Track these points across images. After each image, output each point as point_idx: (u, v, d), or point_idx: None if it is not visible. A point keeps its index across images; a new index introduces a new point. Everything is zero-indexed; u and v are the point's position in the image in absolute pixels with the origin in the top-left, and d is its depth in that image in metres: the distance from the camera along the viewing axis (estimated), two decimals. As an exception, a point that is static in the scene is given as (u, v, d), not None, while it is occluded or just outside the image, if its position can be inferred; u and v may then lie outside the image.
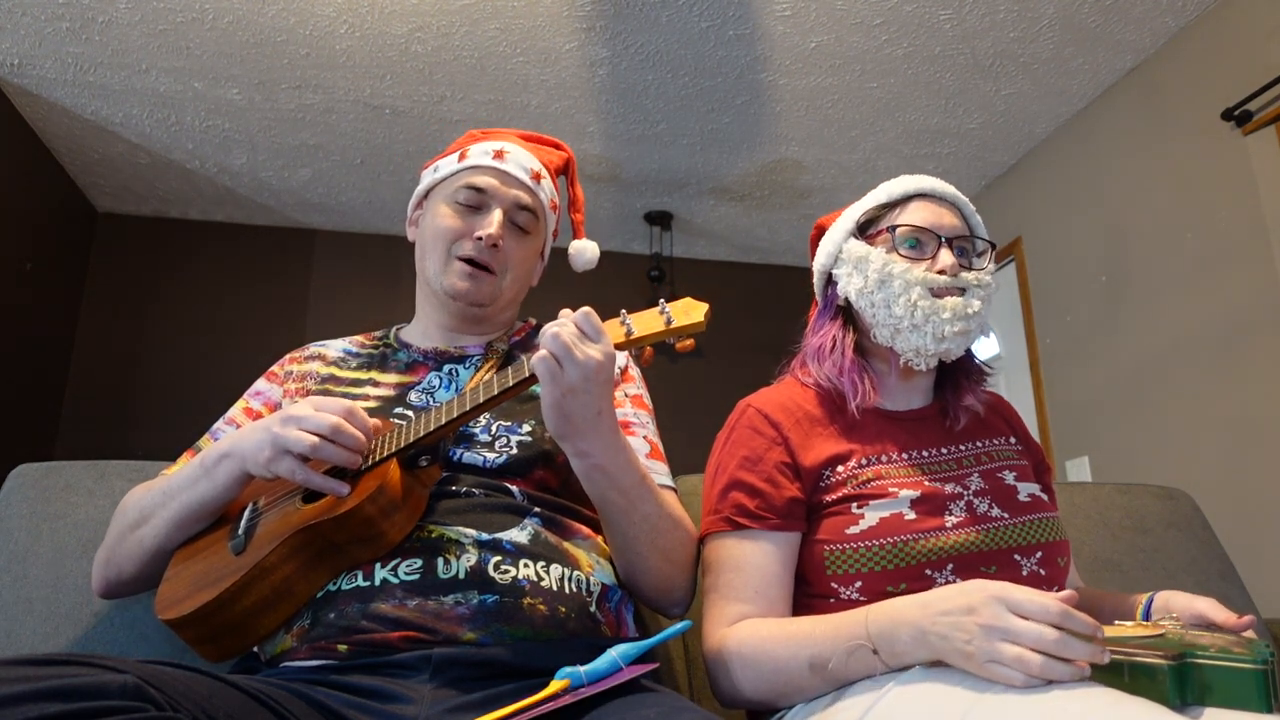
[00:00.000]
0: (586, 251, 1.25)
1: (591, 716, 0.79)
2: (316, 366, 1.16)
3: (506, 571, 0.92)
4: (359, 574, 0.91)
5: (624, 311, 0.93)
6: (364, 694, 0.83)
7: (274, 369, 1.20)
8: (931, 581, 0.93)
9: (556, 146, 1.26)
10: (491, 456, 1.01)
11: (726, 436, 1.09)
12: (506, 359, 1.14)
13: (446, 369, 1.13)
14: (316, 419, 0.90)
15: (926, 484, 0.99)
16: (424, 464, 0.99)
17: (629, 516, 0.96)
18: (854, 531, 0.96)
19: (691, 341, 0.93)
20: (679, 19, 2.76)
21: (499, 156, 1.15)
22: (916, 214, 1.08)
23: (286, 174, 3.70)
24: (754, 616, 0.96)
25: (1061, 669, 0.71)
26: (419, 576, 0.90)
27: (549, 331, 0.87)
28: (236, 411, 1.14)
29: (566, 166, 1.27)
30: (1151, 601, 0.98)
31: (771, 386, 1.15)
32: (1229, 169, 2.63)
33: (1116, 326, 3.07)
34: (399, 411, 1.06)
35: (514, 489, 1.00)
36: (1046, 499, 1.06)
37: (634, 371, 1.22)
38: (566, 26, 2.80)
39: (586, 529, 1.04)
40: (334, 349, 1.20)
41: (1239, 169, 2.59)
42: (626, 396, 1.16)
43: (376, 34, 2.82)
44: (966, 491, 1.00)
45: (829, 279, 1.14)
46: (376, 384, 1.12)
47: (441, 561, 0.91)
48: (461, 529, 0.94)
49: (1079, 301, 3.27)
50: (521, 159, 1.16)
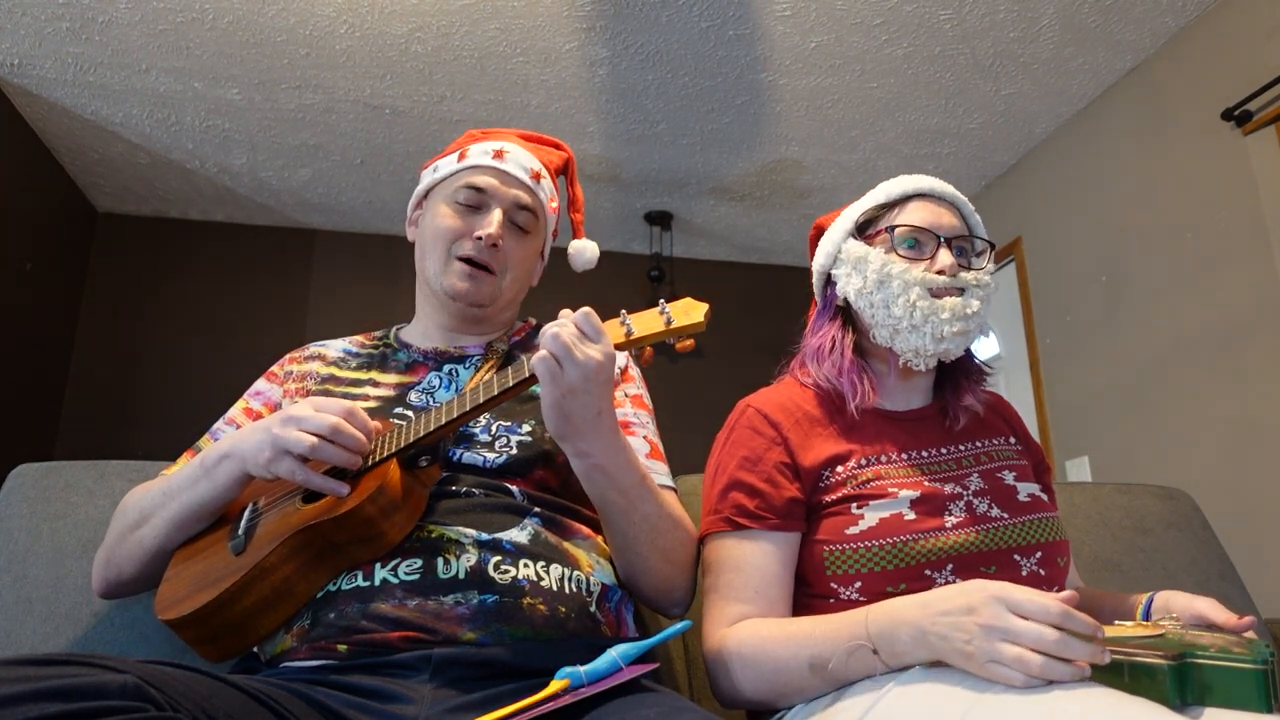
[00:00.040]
0: (586, 251, 1.25)
1: (591, 716, 0.79)
2: (316, 366, 1.16)
3: (506, 571, 0.92)
4: (359, 574, 0.91)
5: (624, 311, 0.93)
6: (364, 694, 0.83)
7: (274, 369, 1.20)
8: (931, 582, 0.93)
9: (556, 146, 1.26)
10: (491, 456, 1.01)
11: (726, 437, 1.09)
12: (506, 359, 1.14)
13: (446, 369, 1.13)
14: (316, 419, 0.90)
15: (926, 484, 0.99)
16: (424, 464, 0.99)
17: (629, 516, 0.96)
18: (854, 532, 0.96)
19: (691, 342, 0.93)
20: (679, 19, 2.76)
21: (499, 156, 1.15)
22: (915, 214, 1.08)
23: (286, 174, 3.70)
24: (754, 617, 0.96)
25: (1062, 669, 0.71)
26: (419, 576, 0.90)
27: (549, 332, 0.87)
28: (236, 412, 1.14)
29: (566, 166, 1.27)
30: (1151, 601, 0.98)
31: (771, 387, 1.15)
32: (1229, 169, 2.63)
33: (1116, 326, 3.07)
34: (399, 412, 1.06)
35: (514, 489, 1.00)
36: (1046, 499, 1.06)
37: (634, 371, 1.22)
38: (566, 26, 2.80)
39: (586, 529, 1.04)
40: (334, 349, 1.20)
41: (1239, 169, 2.59)
42: (626, 396, 1.16)
43: (376, 34, 2.82)
44: (966, 492, 1.00)
45: (828, 279, 1.14)
46: (376, 384, 1.12)
47: (441, 561, 0.91)
48: (461, 529, 0.94)
49: (1079, 301, 3.27)
50: (521, 159, 1.16)
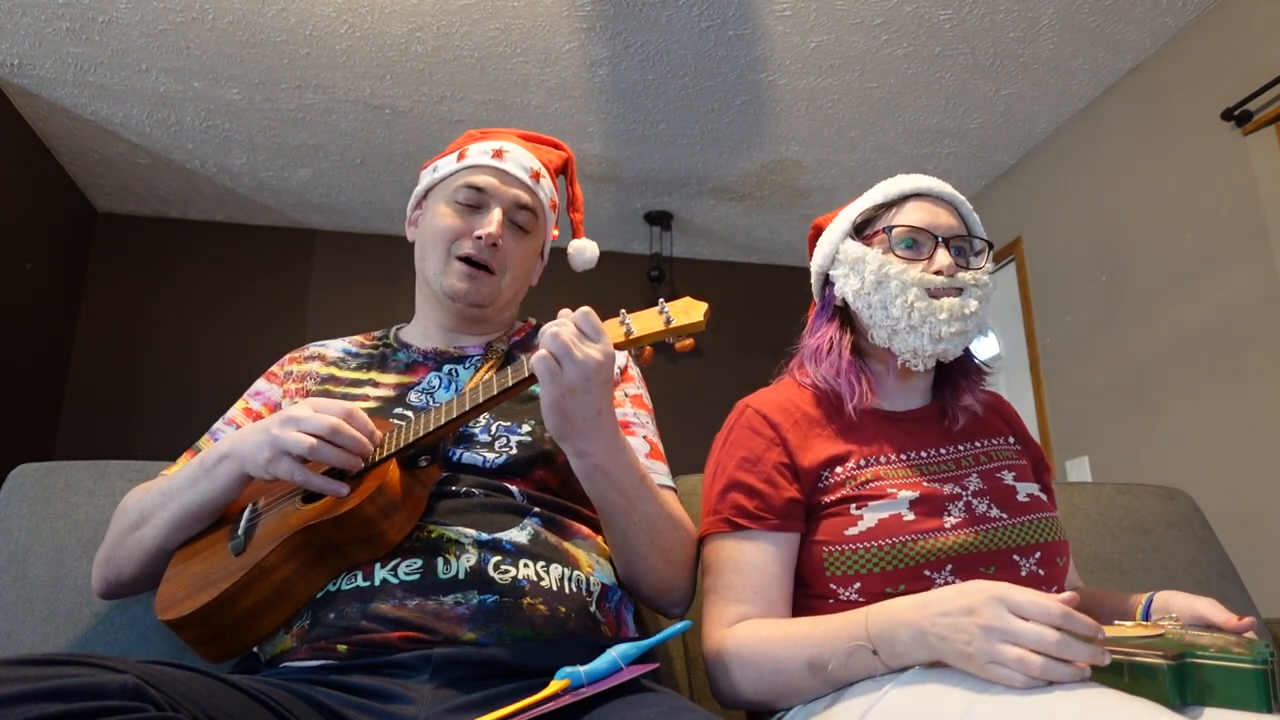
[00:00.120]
0: (586, 251, 1.25)
1: (591, 716, 0.79)
2: (316, 367, 1.16)
3: (506, 571, 0.92)
4: (359, 574, 0.91)
5: (623, 311, 0.93)
6: (364, 694, 0.83)
7: (274, 369, 1.20)
8: (930, 582, 0.92)
9: (556, 146, 1.26)
10: (491, 456, 1.01)
11: (725, 437, 1.09)
12: (506, 359, 1.14)
13: (446, 369, 1.13)
14: (315, 420, 0.90)
15: (925, 485, 0.99)
16: (423, 464, 0.99)
17: (629, 516, 0.96)
18: (853, 533, 0.96)
19: (691, 341, 0.93)
20: (679, 19, 2.76)
21: (498, 156, 1.15)
22: (913, 214, 1.07)
23: (286, 174, 3.70)
24: (754, 617, 0.96)
25: (1062, 670, 0.70)
26: (419, 576, 0.90)
27: (548, 331, 0.87)
28: (236, 412, 1.14)
29: (565, 166, 1.26)
30: (1151, 602, 0.98)
31: (770, 387, 1.15)
32: (1229, 169, 2.63)
33: (1116, 326, 3.07)
34: (398, 412, 1.06)
35: (514, 489, 1.00)
36: (1045, 499, 1.06)
37: (634, 371, 1.22)
38: (566, 26, 2.80)
39: (586, 529, 1.04)
40: (333, 349, 1.20)
41: (1239, 169, 2.59)
42: (626, 396, 1.16)
43: (376, 34, 2.82)
44: (965, 492, 1.00)
45: (826, 280, 1.14)
46: (376, 384, 1.12)
47: (441, 561, 0.91)
48: (461, 529, 0.94)
49: (1079, 301, 3.27)
50: (521, 158, 1.16)
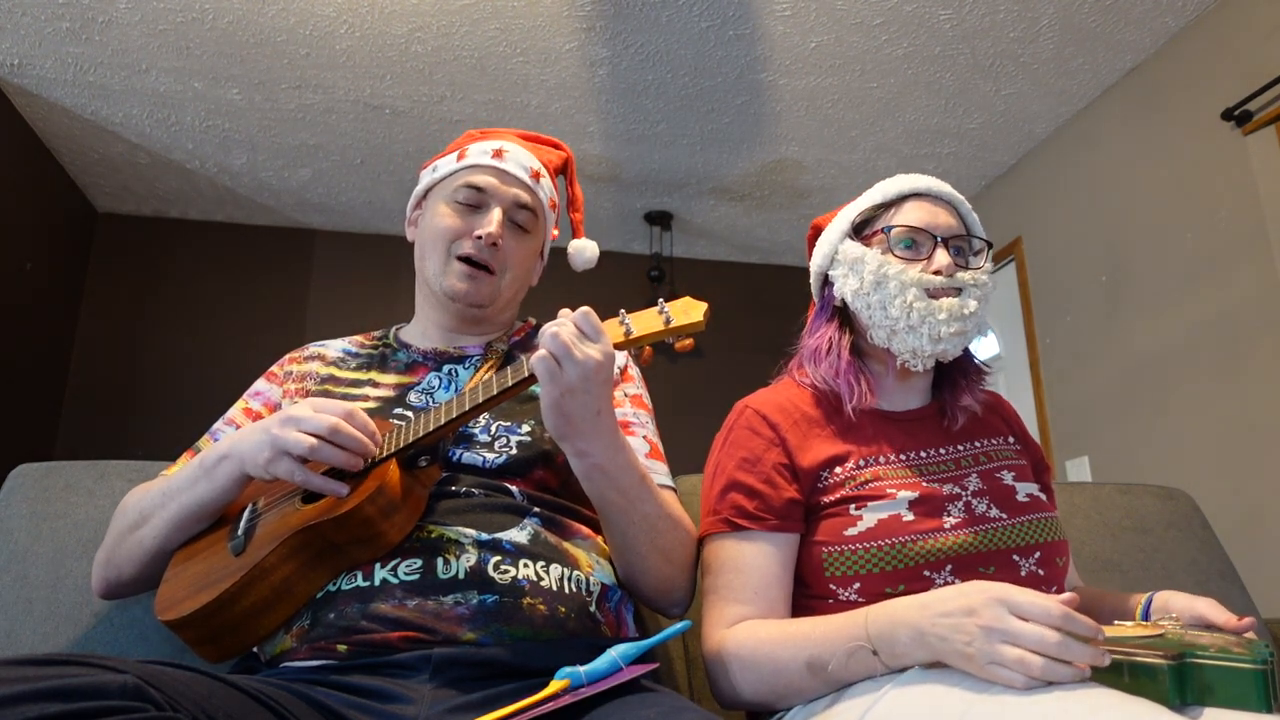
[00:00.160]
0: (586, 251, 1.25)
1: (591, 716, 0.79)
2: (316, 367, 1.16)
3: (506, 571, 0.92)
4: (359, 574, 0.91)
5: (623, 311, 0.93)
6: (364, 694, 0.83)
7: (273, 369, 1.20)
8: (930, 582, 0.92)
9: (555, 146, 1.26)
10: (491, 457, 1.01)
11: (724, 437, 1.09)
12: (506, 359, 1.14)
13: (446, 369, 1.13)
14: (315, 420, 0.90)
15: (924, 485, 0.99)
16: (423, 464, 0.99)
17: (628, 516, 0.96)
18: (852, 533, 0.96)
19: (691, 341, 0.93)
20: (679, 19, 2.76)
21: (498, 155, 1.15)
22: (912, 214, 1.07)
23: (286, 174, 3.70)
24: (753, 618, 0.96)
25: (1062, 671, 0.70)
26: (419, 576, 0.90)
27: (548, 331, 0.87)
28: (236, 412, 1.14)
29: (565, 166, 1.26)
30: (1151, 602, 0.98)
31: (769, 387, 1.14)
32: (1229, 169, 2.63)
33: (1116, 326, 3.07)
34: (398, 412, 1.06)
35: (513, 489, 1.00)
36: (1045, 499, 1.06)
37: (634, 371, 1.21)
38: (566, 26, 2.80)
39: (586, 529, 1.04)
40: (333, 349, 1.20)
41: (1239, 169, 2.59)
42: (626, 396, 1.16)
43: (376, 34, 2.82)
44: (965, 492, 1.00)
45: (825, 280, 1.14)
46: (376, 384, 1.12)
47: (441, 561, 0.91)
48: (461, 529, 0.94)
49: (1079, 301, 3.27)
50: (520, 158, 1.16)
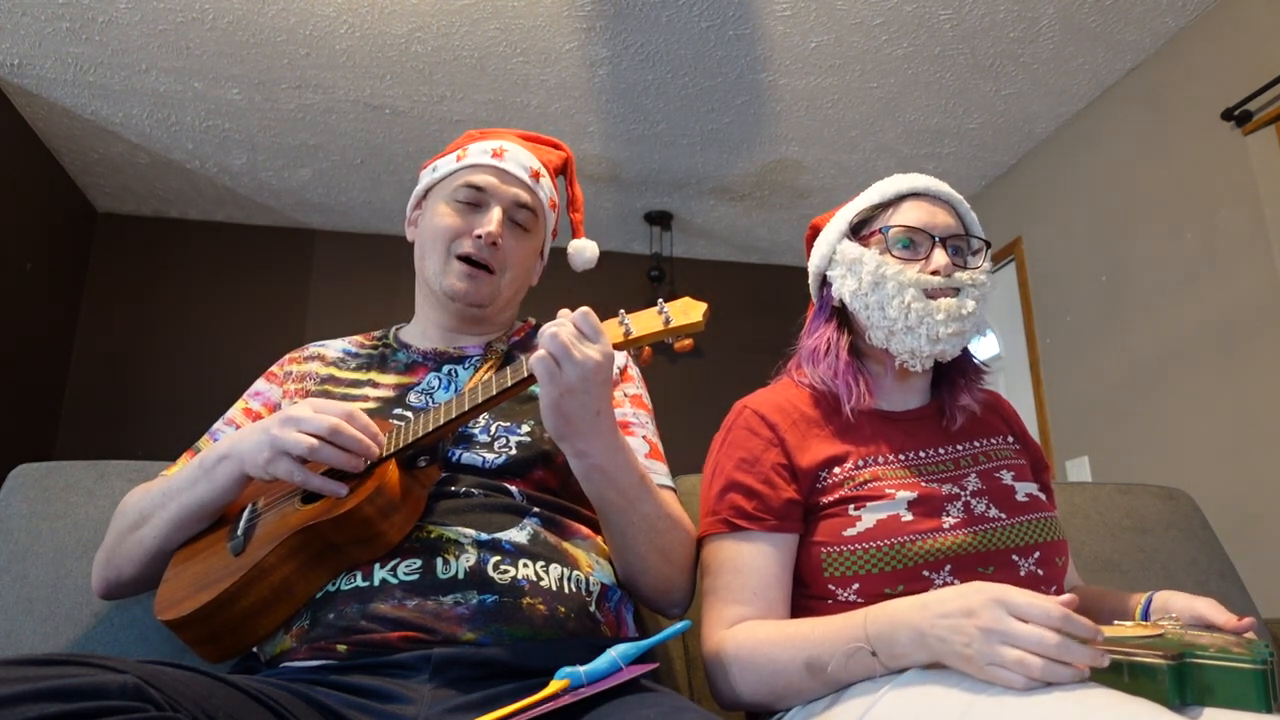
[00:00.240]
0: (586, 250, 1.25)
1: (591, 716, 0.79)
2: (316, 367, 1.16)
3: (506, 571, 0.92)
4: (358, 574, 0.91)
5: (622, 311, 0.93)
6: (364, 694, 0.83)
7: (273, 369, 1.20)
8: (929, 583, 0.92)
9: (555, 146, 1.26)
10: (490, 457, 1.01)
11: (723, 438, 1.09)
12: (506, 359, 1.14)
13: (446, 369, 1.13)
14: (315, 421, 0.90)
15: (923, 485, 0.99)
16: (423, 464, 0.99)
17: (628, 516, 0.96)
18: (851, 533, 0.96)
19: (690, 341, 0.94)
20: (679, 19, 2.76)
21: (498, 155, 1.15)
22: (910, 214, 1.07)
23: (286, 174, 3.70)
24: (753, 618, 0.96)
25: (1062, 672, 0.70)
26: (418, 577, 0.90)
27: (547, 332, 0.87)
28: (236, 412, 1.14)
29: (565, 166, 1.26)
30: (1150, 602, 0.98)
31: (768, 388, 1.14)
32: (1229, 169, 2.63)
33: (1116, 326, 3.07)
34: (398, 412, 1.06)
35: (513, 489, 1.00)
36: (1044, 498, 1.06)
37: (633, 371, 1.21)
38: (566, 26, 2.80)
39: (586, 529, 1.04)
40: (333, 349, 1.20)
41: (1239, 169, 2.59)
42: (626, 396, 1.16)
43: (376, 34, 2.82)
44: (964, 492, 0.99)
45: (824, 280, 1.14)
46: (376, 385, 1.12)
47: (441, 562, 0.91)
48: (460, 529, 0.94)
49: (1079, 301, 3.27)
50: (520, 157, 1.16)
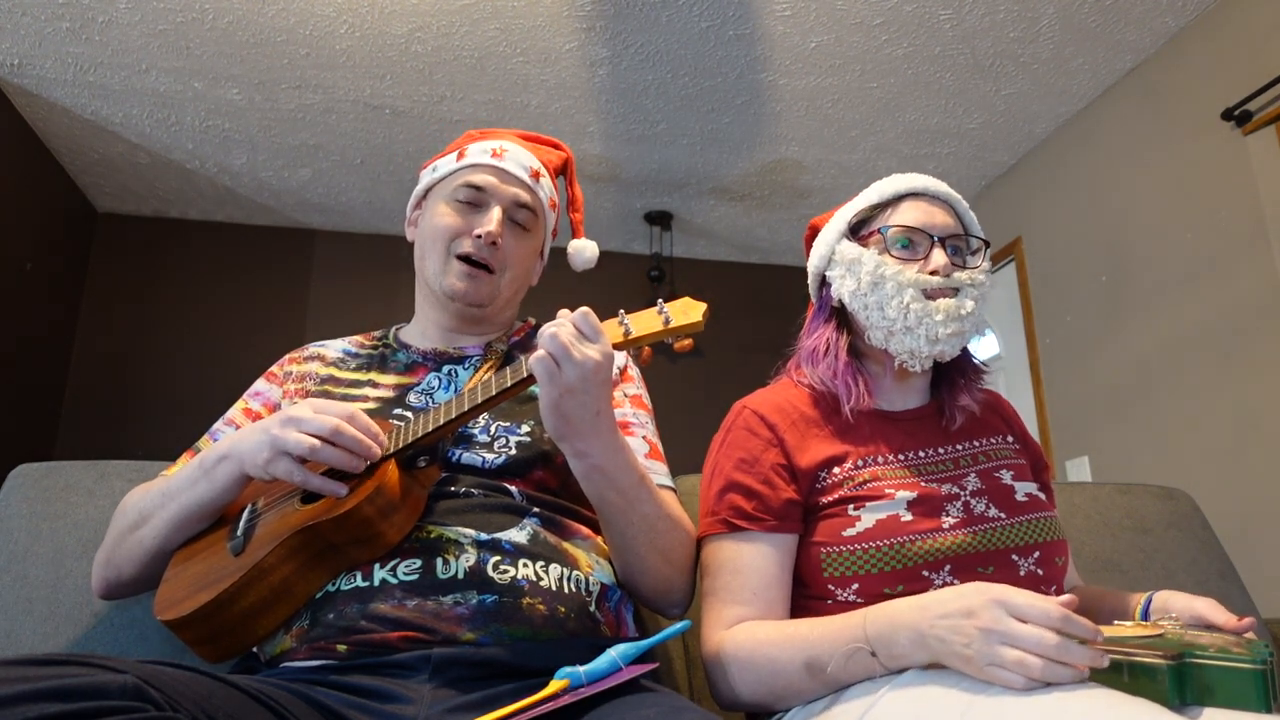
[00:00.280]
0: (586, 250, 1.25)
1: (591, 716, 0.79)
2: (315, 367, 1.16)
3: (506, 571, 0.92)
4: (358, 574, 0.91)
5: (622, 311, 0.93)
6: (364, 694, 0.83)
7: (273, 369, 1.20)
8: (929, 583, 0.92)
9: (555, 146, 1.26)
10: (490, 457, 1.01)
11: (722, 438, 1.09)
12: (505, 359, 1.14)
13: (445, 370, 1.13)
14: (316, 421, 0.90)
15: (923, 485, 0.99)
16: (422, 464, 0.99)
17: (627, 517, 0.96)
18: (850, 533, 0.96)
19: (690, 341, 0.94)
20: (679, 19, 2.75)
21: (498, 155, 1.15)
22: (908, 214, 1.07)
23: (286, 174, 3.70)
24: (752, 618, 0.96)
25: (1061, 672, 0.70)
26: (418, 577, 0.90)
27: (547, 332, 0.87)
28: (236, 412, 1.14)
29: (565, 166, 1.26)
30: (1150, 601, 0.98)
31: (767, 388, 1.14)
32: (1229, 169, 2.63)
33: (1116, 326, 3.07)
34: (397, 412, 1.06)
35: (513, 489, 1.00)
36: (1044, 498, 1.05)
37: (633, 371, 1.21)
38: (566, 26, 2.80)
39: (586, 529, 1.04)
40: (333, 349, 1.20)
41: (1239, 169, 2.59)
42: (625, 396, 1.16)
43: (376, 34, 2.82)
44: (964, 492, 0.99)
45: (823, 280, 1.14)
46: (375, 385, 1.12)
47: (440, 562, 0.91)
48: (460, 529, 0.94)
49: (1079, 301, 3.27)
50: (520, 157, 1.16)
